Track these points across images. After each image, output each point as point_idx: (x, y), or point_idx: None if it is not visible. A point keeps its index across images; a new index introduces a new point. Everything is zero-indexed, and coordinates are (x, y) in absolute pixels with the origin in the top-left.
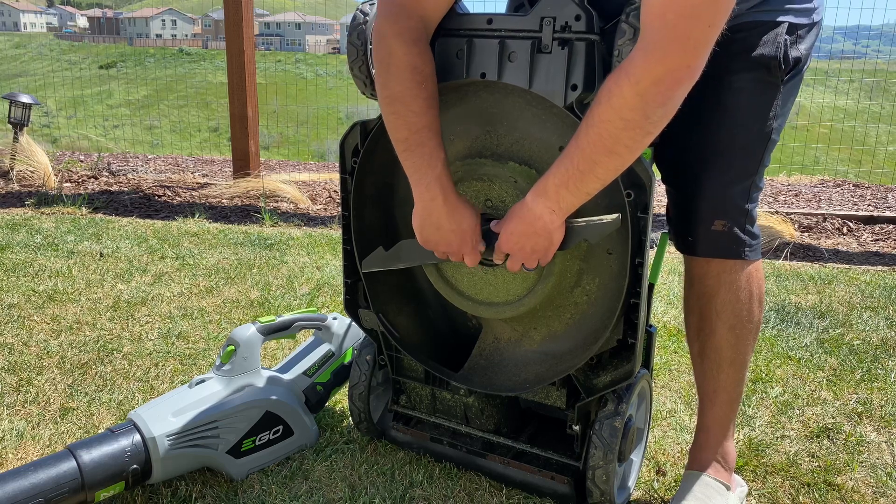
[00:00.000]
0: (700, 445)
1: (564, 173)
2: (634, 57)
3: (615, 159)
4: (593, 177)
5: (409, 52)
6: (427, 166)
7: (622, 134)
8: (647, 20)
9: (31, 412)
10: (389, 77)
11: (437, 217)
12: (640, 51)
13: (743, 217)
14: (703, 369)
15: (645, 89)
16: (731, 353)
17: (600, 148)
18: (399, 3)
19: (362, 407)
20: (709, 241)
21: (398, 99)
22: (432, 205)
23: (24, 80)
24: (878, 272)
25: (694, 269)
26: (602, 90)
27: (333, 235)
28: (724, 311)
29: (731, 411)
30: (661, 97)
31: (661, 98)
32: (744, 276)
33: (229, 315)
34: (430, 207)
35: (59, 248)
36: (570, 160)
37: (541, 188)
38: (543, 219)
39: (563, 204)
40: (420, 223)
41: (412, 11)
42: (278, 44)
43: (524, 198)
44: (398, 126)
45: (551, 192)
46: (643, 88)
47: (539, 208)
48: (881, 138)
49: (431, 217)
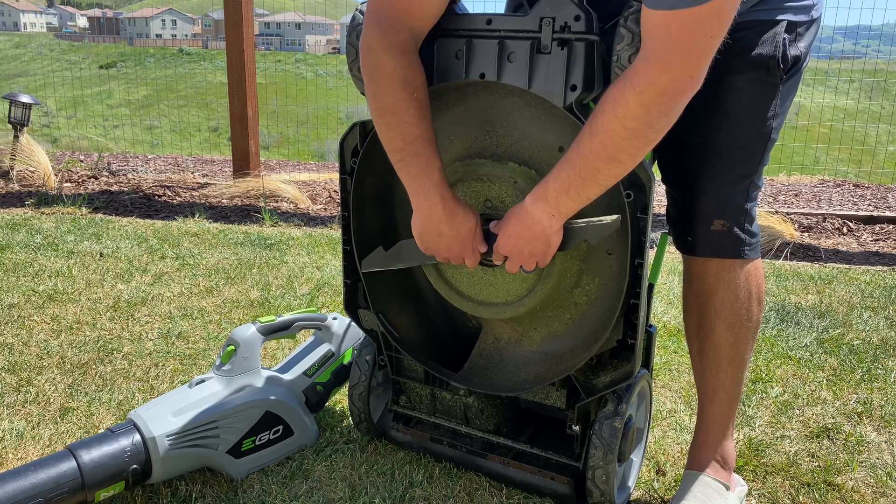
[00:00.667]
0: (699, 445)
1: (565, 179)
2: (638, 67)
3: (617, 166)
4: (594, 183)
5: (399, 63)
6: (424, 175)
7: (626, 143)
8: (648, 31)
9: (31, 412)
10: (380, 90)
11: (438, 224)
12: (643, 61)
13: (742, 216)
14: (702, 368)
15: (649, 100)
16: (730, 351)
17: (603, 156)
18: (388, 15)
19: (362, 407)
20: (708, 240)
21: (390, 111)
22: (432, 213)
23: (24, 80)
24: (878, 272)
25: (693, 268)
26: (605, 99)
27: (333, 235)
28: (723, 309)
29: (731, 410)
30: (664, 107)
31: (665, 108)
32: (742, 274)
33: (229, 315)
34: (429, 215)
35: (59, 248)
36: (572, 166)
37: (540, 193)
38: (542, 223)
39: (563, 209)
40: (420, 231)
41: (402, 25)
42: (278, 44)
43: (523, 201)
44: (392, 137)
45: (551, 198)
46: (647, 99)
47: (538, 212)
48: (881, 138)
49: (431, 224)
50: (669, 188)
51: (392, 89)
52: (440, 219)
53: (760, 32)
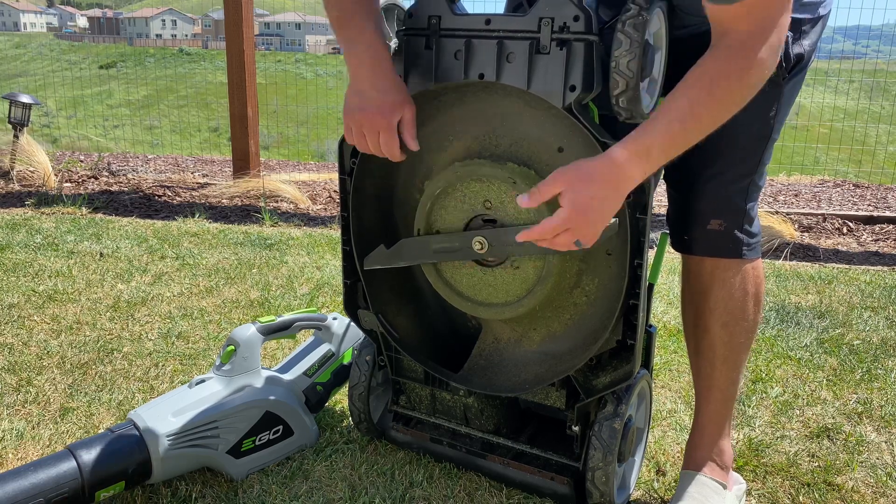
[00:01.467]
0: (695, 444)
1: (667, 135)
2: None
3: (724, 115)
4: (692, 140)
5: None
6: (358, 36)
7: (735, 93)
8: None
9: (31, 412)
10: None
11: (361, 83)
12: (739, 47)
13: (741, 216)
14: (697, 366)
15: (753, 77)
16: (725, 350)
17: (713, 107)
18: None
19: (362, 407)
20: (705, 240)
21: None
22: (359, 71)
23: (24, 80)
24: (878, 272)
25: (689, 267)
26: (701, 78)
27: (333, 235)
28: (717, 308)
29: (726, 409)
30: (770, 60)
31: (768, 65)
32: (739, 273)
33: (229, 315)
34: (356, 74)
35: (59, 248)
36: (680, 121)
37: (641, 149)
38: (633, 182)
39: (657, 167)
40: (346, 93)
41: None
42: (278, 44)
43: (602, 160)
44: (330, 6)
45: (654, 156)
46: (752, 79)
47: (635, 170)
48: (881, 138)
49: (355, 83)
50: (670, 187)
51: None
52: (365, 76)
53: None
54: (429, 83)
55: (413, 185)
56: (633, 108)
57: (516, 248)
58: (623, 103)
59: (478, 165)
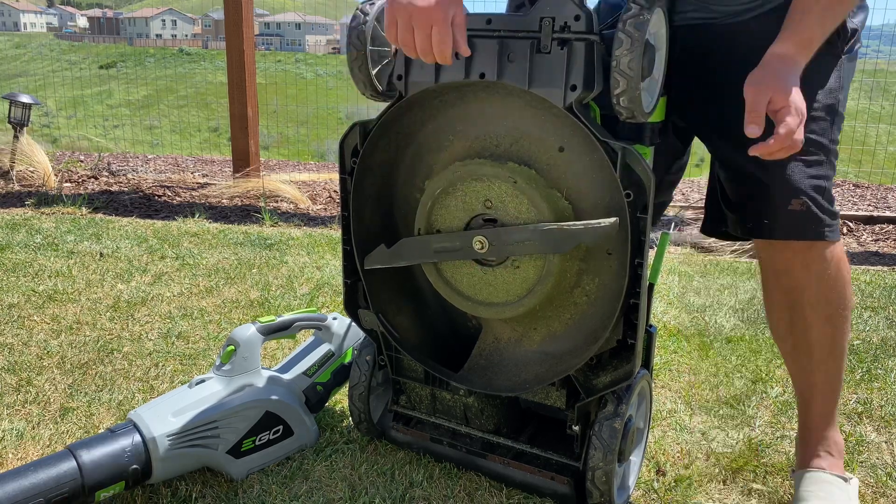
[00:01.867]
0: (806, 441)
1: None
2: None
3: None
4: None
5: None
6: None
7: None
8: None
9: (31, 412)
10: None
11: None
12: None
13: (820, 194)
14: (800, 366)
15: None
16: (831, 344)
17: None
18: None
19: (362, 407)
20: (788, 221)
21: None
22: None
23: (24, 80)
24: (878, 272)
25: (777, 263)
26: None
27: (333, 235)
28: (819, 303)
29: (836, 399)
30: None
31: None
32: (832, 261)
33: (229, 315)
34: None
35: (59, 248)
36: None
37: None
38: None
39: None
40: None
41: None
42: (278, 44)
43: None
44: None
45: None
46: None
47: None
48: (881, 138)
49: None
50: (727, 171)
51: None
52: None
53: None
54: (430, 82)
55: (413, 184)
56: (633, 108)
57: (517, 247)
58: (624, 103)
59: (478, 165)
